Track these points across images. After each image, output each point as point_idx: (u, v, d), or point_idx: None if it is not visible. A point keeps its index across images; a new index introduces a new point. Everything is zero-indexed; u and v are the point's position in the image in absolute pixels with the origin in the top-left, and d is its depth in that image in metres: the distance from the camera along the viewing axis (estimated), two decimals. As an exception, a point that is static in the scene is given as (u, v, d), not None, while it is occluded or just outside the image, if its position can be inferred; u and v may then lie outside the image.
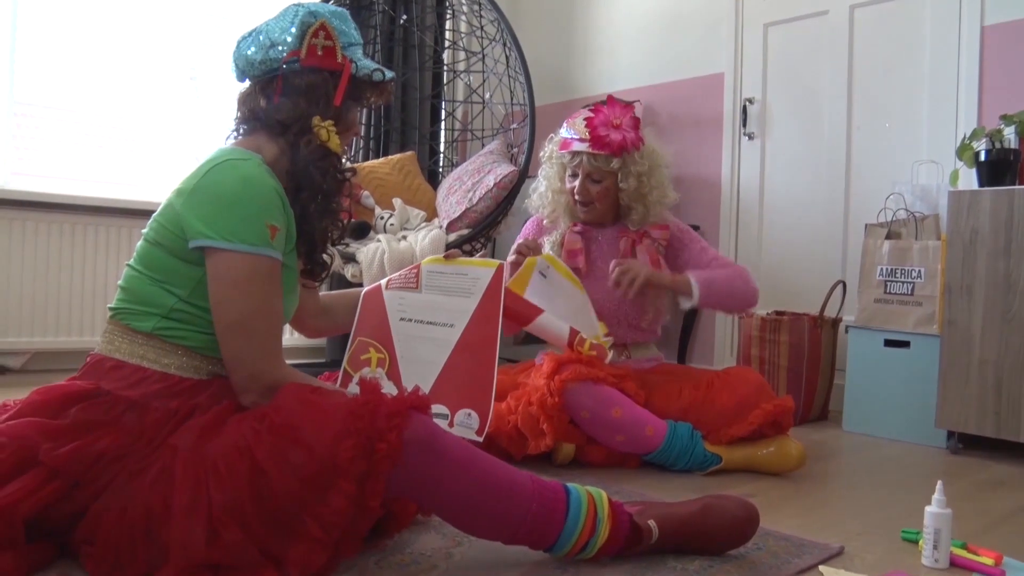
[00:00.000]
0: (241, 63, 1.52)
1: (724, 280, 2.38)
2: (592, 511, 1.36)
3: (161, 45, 3.81)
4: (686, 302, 2.36)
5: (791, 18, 3.55)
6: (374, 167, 3.73)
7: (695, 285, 2.32)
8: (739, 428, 2.17)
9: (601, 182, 2.45)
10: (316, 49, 1.48)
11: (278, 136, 1.48)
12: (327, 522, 1.19)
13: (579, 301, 2.28)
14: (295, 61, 1.47)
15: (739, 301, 2.45)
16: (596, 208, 2.48)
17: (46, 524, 1.26)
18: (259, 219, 1.36)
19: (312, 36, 1.47)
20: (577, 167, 2.46)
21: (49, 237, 3.47)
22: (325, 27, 1.48)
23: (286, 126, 1.47)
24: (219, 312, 1.36)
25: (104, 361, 1.41)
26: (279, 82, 1.48)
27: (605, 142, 2.40)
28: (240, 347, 1.36)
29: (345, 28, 1.52)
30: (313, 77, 1.48)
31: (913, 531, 1.62)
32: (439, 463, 1.27)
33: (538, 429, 2.08)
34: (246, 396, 1.37)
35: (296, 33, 1.47)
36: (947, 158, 2.94)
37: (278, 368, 1.38)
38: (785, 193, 3.57)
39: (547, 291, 2.20)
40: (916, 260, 2.79)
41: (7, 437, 1.26)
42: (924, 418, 2.65)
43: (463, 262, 1.83)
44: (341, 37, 1.51)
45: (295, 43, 1.47)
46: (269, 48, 1.48)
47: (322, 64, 1.48)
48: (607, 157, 2.41)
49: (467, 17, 4.33)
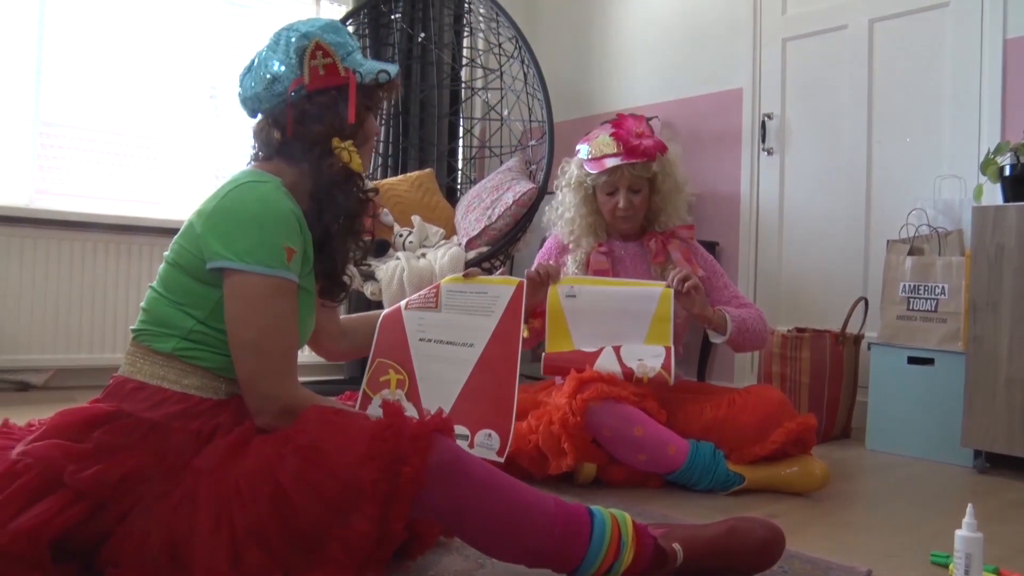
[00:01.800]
0: (248, 102, 1.53)
1: (751, 322, 2.38)
2: (616, 534, 1.35)
3: (181, 64, 3.84)
4: (717, 337, 2.36)
5: (810, 33, 3.54)
6: (392, 184, 3.74)
7: (730, 324, 2.32)
8: (762, 447, 2.15)
9: (640, 191, 2.47)
10: (318, 70, 1.47)
11: (299, 161, 1.49)
12: (351, 545, 1.18)
13: (619, 300, 2.25)
14: (301, 88, 1.47)
15: (758, 343, 2.46)
16: (637, 218, 2.51)
17: (71, 545, 1.26)
18: (276, 241, 1.36)
19: (311, 58, 1.46)
20: (618, 181, 2.45)
21: (72, 255, 3.51)
22: (321, 46, 1.47)
23: (306, 152, 1.47)
24: (234, 333, 1.36)
25: (126, 383, 1.42)
26: (289, 112, 1.48)
27: (641, 150, 2.42)
28: (254, 368, 1.36)
29: (340, 39, 1.51)
30: (322, 99, 1.47)
31: (943, 554, 1.60)
32: (463, 486, 1.26)
33: (559, 449, 2.07)
34: (260, 417, 1.36)
35: (294, 59, 1.46)
36: (970, 173, 2.91)
37: (292, 390, 1.38)
38: (805, 209, 3.55)
39: (584, 310, 2.22)
40: (940, 276, 2.76)
41: (33, 459, 1.27)
42: (949, 436, 2.62)
43: (483, 280, 1.83)
44: (338, 50, 1.49)
45: (296, 70, 1.46)
46: (273, 83, 1.48)
47: (327, 84, 1.48)
48: (645, 164, 2.43)
49: (485, 34, 4.34)
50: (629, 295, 2.25)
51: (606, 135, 2.47)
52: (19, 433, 1.45)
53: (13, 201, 3.42)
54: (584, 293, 2.24)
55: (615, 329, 2.21)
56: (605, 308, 2.23)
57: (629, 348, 2.16)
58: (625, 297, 2.25)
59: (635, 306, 2.23)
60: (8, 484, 1.24)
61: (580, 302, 2.23)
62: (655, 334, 2.19)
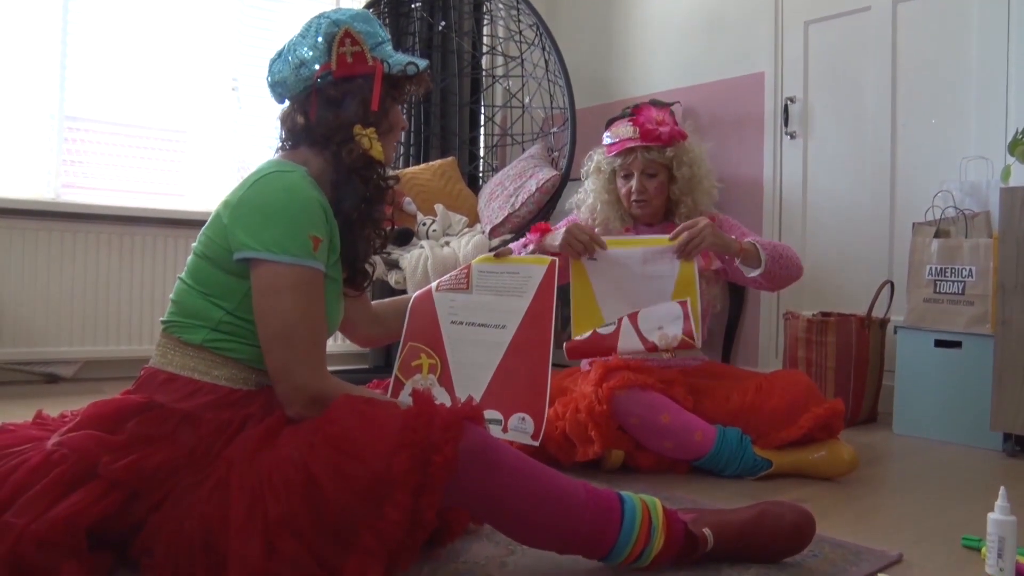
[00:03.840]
0: (277, 86, 1.54)
1: (782, 249, 2.34)
2: (646, 519, 1.35)
3: (204, 57, 3.86)
4: (751, 271, 2.30)
5: (832, 15, 3.50)
6: (415, 173, 3.75)
7: (761, 250, 2.28)
8: (789, 432, 2.14)
9: (656, 176, 2.47)
10: (346, 57, 1.47)
11: (323, 149, 1.50)
12: (383, 534, 1.19)
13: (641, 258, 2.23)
14: (328, 74, 1.48)
15: (795, 271, 2.36)
16: (652, 204, 2.49)
17: (106, 535, 1.28)
18: (302, 230, 1.37)
19: (339, 45, 1.47)
20: (631, 165, 2.46)
21: (99, 248, 3.54)
22: (350, 33, 1.47)
23: (328, 138, 1.48)
24: (263, 323, 1.37)
25: (157, 374, 1.43)
26: (314, 97, 1.49)
27: (656, 134, 2.43)
28: (284, 358, 1.36)
29: (370, 29, 1.51)
30: (347, 86, 1.48)
31: (974, 538, 1.59)
32: (494, 474, 1.27)
33: (587, 436, 2.08)
34: (291, 408, 1.37)
35: (323, 46, 1.47)
36: (997, 154, 2.88)
37: (322, 379, 1.39)
38: (829, 192, 3.52)
39: (607, 272, 2.21)
40: (967, 259, 2.74)
41: (68, 449, 1.29)
42: (977, 420, 2.59)
43: (514, 260, 1.80)
44: (368, 39, 1.50)
45: (324, 56, 1.47)
46: (300, 67, 1.49)
47: (354, 71, 1.48)
48: (660, 149, 2.44)
49: (505, 22, 4.34)
50: (649, 254, 2.23)
51: (625, 123, 2.50)
52: (53, 424, 1.47)
53: (40, 195, 3.45)
54: (605, 255, 2.23)
55: (640, 292, 2.19)
56: (629, 271, 2.22)
57: (647, 314, 2.12)
58: (645, 257, 2.23)
59: (657, 267, 2.22)
60: (45, 474, 1.26)
61: (602, 264, 2.21)
62: (680, 294, 2.18)
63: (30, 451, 1.31)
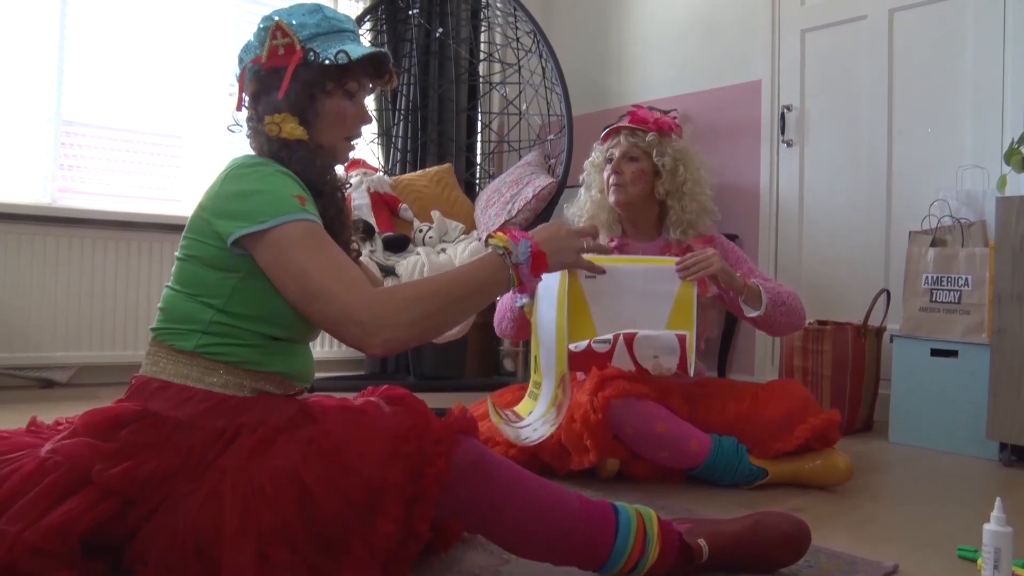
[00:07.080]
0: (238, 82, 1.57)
1: (786, 296, 2.29)
2: (641, 531, 1.34)
3: (200, 62, 3.86)
4: (752, 311, 2.27)
5: (829, 23, 3.52)
6: (411, 180, 3.75)
7: (764, 294, 2.25)
8: (785, 442, 2.14)
9: (637, 161, 2.42)
10: (277, 50, 1.48)
11: (256, 136, 1.53)
12: (375, 546, 1.18)
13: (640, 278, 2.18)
14: (258, 68, 1.50)
15: (796, 320, 2.33)
16: (627, 191, 2.41)
17: (99, 542, 1.27)
18: (285, 193, 1.38)
19: (271, 39, 1.48)
20: (614, 147, 2.45)
21: (95, 253, 3.54)
22: (281, 26, 1.47)
23: (255, 129, 1.52)
24: (285, 290, 1.35)
25: (150, 382, 1.42)
26: (240, 86, 1.53)
27: (643, 118, 2.44)
28: (321, 309, 1.32)
29: (311, 20, 1.49)
30: (266, 77, 1.49)
31: (970, 548, 1.58)
32: (488, 486, 1.27)
33: (582, 445, 2.07)
34: (372, 347, 1.31)
35: (258, 40, 1.50)
36: (993, 163, 2.88)
37: (366, 302, 1.31)
38: (825, 201, 3.53)
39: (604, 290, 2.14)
40: (963, 268, 2.74)
41: (62, 456, 1.29)
42: (974, 429, 2.60)
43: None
44: (301, 31, 1.48)
45: (257, 50, 1.50)
46: (240, 62, 1.54)
47: (285, 62, 1.48)
48: (643, 133, 2.42)
49: (502, 29, 4.34)
50: (650, 272, 2.19)
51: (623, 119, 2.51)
52: (47, 431, 1.46)
53: (36, 200, 3.45)
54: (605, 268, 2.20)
55: (636, 310, 2.15)
56: (626, 287, 2.16)
57: (644, 340, 2.07)
58: (646, 275, 2.19)
59: (656, 286, 2.17)
60: (38, 481, 1.25)
61: (600, 281, 2.10)
62: (677, 317, 2.14)
63: (23, 458, 1.31)
